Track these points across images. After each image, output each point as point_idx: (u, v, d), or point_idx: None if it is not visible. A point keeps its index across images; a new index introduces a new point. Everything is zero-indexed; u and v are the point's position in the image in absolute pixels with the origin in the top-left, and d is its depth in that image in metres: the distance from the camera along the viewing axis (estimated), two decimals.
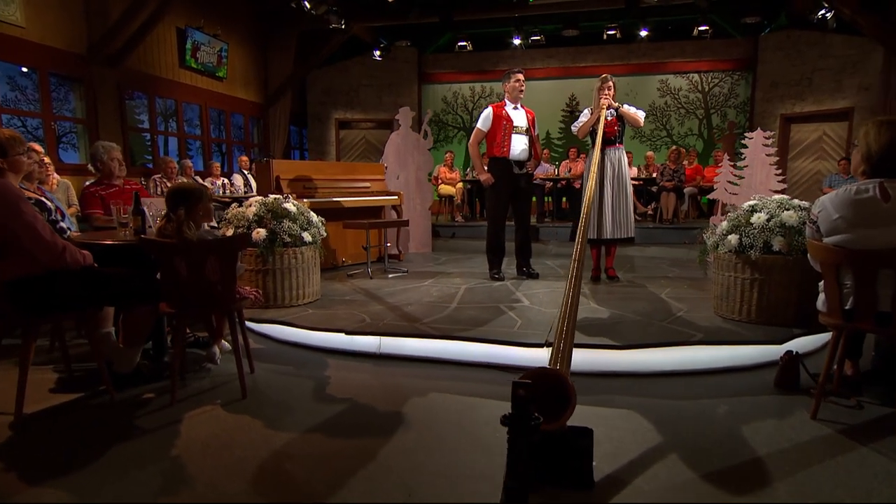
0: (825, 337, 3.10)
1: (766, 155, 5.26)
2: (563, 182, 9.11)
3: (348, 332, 3.17)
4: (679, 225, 8.26)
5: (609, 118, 4.38)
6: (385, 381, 2.85)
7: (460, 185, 9.57)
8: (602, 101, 4.39)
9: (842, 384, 2.51)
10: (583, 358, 2.88)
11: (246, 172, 9.19)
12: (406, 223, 5.31)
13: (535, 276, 4.75)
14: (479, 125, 4.60)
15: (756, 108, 10.67)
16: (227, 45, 9.89)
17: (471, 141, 4.70)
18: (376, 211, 5.90)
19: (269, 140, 11.29)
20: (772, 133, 5.41)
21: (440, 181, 9.69)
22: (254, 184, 9.06)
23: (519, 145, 4.53)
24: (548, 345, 2.89)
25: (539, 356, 2.92)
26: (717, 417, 2.39)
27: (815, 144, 9.96)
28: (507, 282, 4.61)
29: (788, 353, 2.72)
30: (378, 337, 3.18)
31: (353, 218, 5.23)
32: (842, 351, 2.28)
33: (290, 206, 3.79)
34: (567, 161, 9.83)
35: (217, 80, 9.93)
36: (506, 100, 4.62)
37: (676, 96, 11.27)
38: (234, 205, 3.91)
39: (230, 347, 3.08)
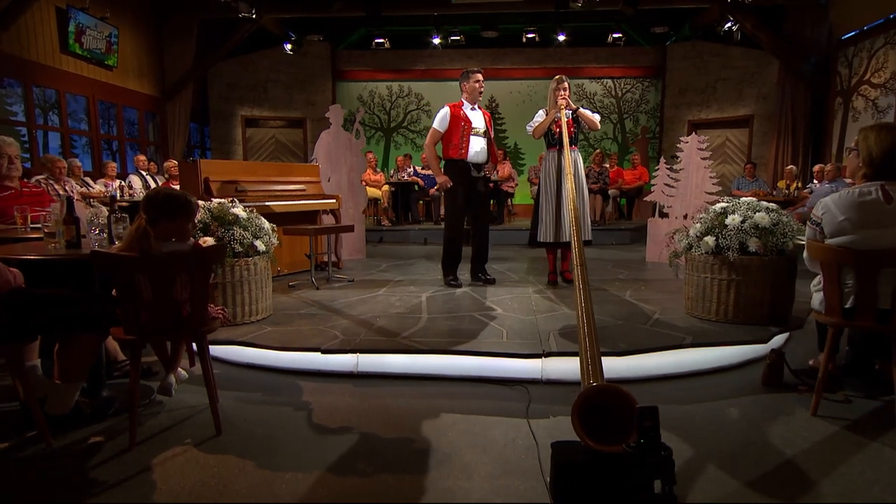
0: (797, 334, 3.31)
1: (702, 159, 5.60)
2: (492, 184, 9.18)
3: (325, 351, 2.91)
4: (606, 226, 8.61)
5: (566, 119, 4.43)
6: (375, 403, 2.65)
7: (386, 187, 9.36)
8: (559, 101, 4.43)
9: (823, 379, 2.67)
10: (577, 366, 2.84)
11: (144, 173, 8.39)
12: (352, 228, 5.05)
13: (491, 282, 4.70)
14: (435, 125, 4.47)
15: (665, 113, 11.44)
16: (116, 29, 8.99)
17: (427, 141, 4.55)
18: (312, 216, 5.57)
19: (168, 138, 10.41)
20: (706, 138, 5.77)
21: (364, 184, 9.41)
22: (154, 184, 8.30)
23: (477, 147, 4.46)
24: (546, 355, 2.82)
25: (534, 367, 2.86)
26: (726, 420, 2.45)
27: (720, 149, 10.84)
28: (465, 288, 4.52)
29: (773, 351, 2.86)
30: (355, 355, 2.95)
31: (287, 223, 4.89)
32: (830, 347, 2.42)
33: (240, 211, 3.44)
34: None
35: (106, 70, 9.00)
36: (463, 100, 4.52)
37: (592, 100, 11.80)
38: None
39: (186, 376, 2.73)
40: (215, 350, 3.17)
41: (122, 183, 7.83)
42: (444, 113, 4.45)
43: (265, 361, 3.04)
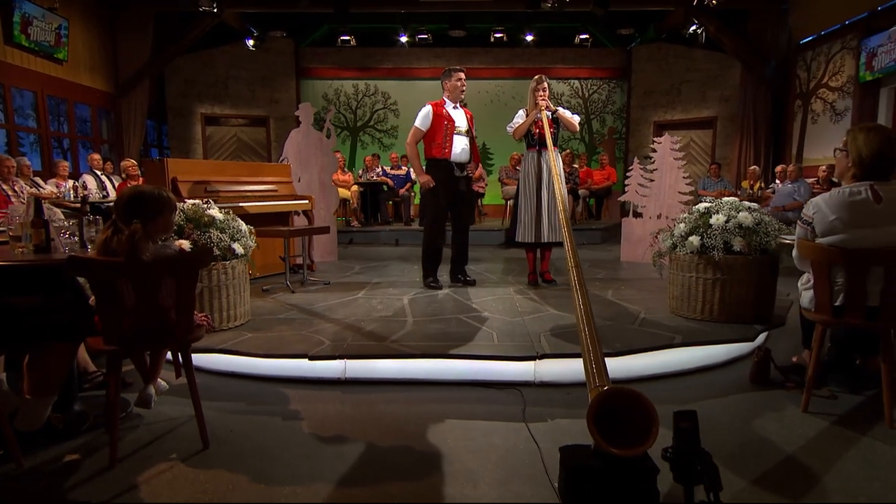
0: (775, 331, 3.40)
1: (675, 159, 5.72)
2: None
3: (313, 358, 2.83)
4: (577, 226, 8.71)
5: (547, 119, 4.44)
6: (367, 410, 2.58)
7: (355, 187, 9.25)
8: (540, 102, 4.45)
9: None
10: (573, 368, 2.85)
11: (99, 172, 8.06)
12: (327, 230, 4.96)
13: (472, 283, 4.68)
14: (417, 124, 4.42)
15: (631, 114, 11.67)
16: (66, 21, 8.60)
17: (409, 140, 4.49)
18: (283, 217, 5.45)
19: (123, 136, 10.02)
20: (678, 139, 5.89)
21: (334, 184, 9.27)
22: (111, 186, 7.99)
23: (460, 147, 4.43)
24: (540, 357, 2.81)
25: (526, 369, 2.85)
26: (720, 418, 2.49)
27: (685, 150, 11.11)
28: (446, 290, 4.49)
29: (760, 349, 2.93)
30: (343, 361, 2.88)
31: (259, 224, 4.74)
32: (819, 345, 2.49)
33: (216, 212, 3.32)
34: None
35: (56, 63, 8.60)
36: (445, 98, 4.49)
37: (559, 101, 11.93)
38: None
39: (166, 387, 2.62)
40: (193, 358, 3.04)
41: (76, 183, 7.49)
42: (426, 111, 4.40)
43: (246, 369, 2.94)
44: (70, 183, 7.44)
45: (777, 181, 8.45)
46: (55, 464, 2.11)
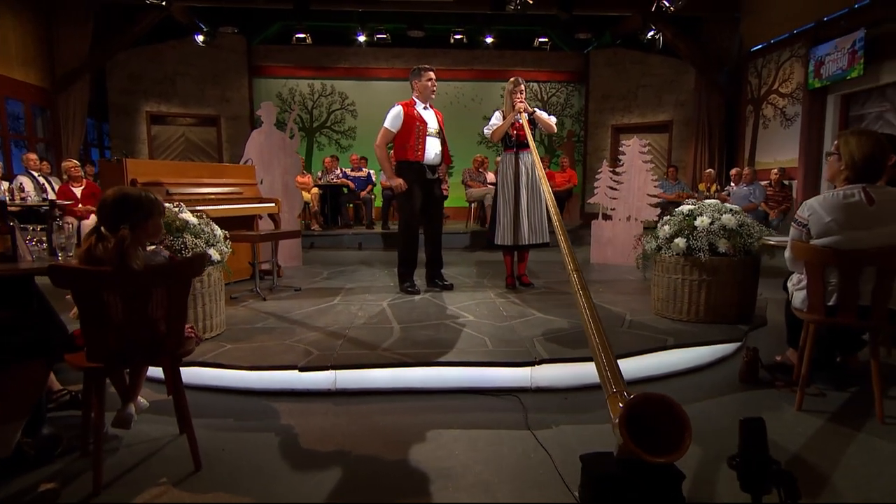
0: (754, 332, 3.50)
1: (643, 162, 5.85)
2: None
3: (303, 368, 2.72)
4: None
5: (525, 120, 4.45)
6: (365, 423, 2.50)
7: (315, 190, 9.04)
8: (518, 104, 4.45)
9: (799, 375, 2.83)
10: (569, 373, 2.85)
11: (35, 174, 7.58)
12: (298, 234, 4.81)
13: (449, 288, 4.64)
14: (387, 125, 4.34)
15: (590, 118, 11.92)
16: None
17: (378, 142, 4.39)
18: (248, 220, 5.26)
19: (61, 134, 9.47)
20: (648, 141, 6.03)
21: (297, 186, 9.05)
22: (49, 188, 7.52)
23: (432, 149, 4.39)
24: (539, 362, 2.80)
25: (523, 375, 2.83)
26: (719, 419, 2.53)
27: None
28: (424, 295, 4.43)
29: (748, 348, 3.01)
30: (333, 371, 2.78)
31: (223, 228, 4.57)
32: (812, 344, 2.57)
33: (190, 216, 3.16)
34: None
35: None
36: (415, 98, 4.43)
37: None
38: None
39: (147, 405, 2.46)
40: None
41: (11, 185, 7.02)
42: (396, 112, 4.33)
43: (229, 383, 2.80)
44: (5, 185, 6.96)
45: (732, 184, 8.79)
46: (30, 494, 1.94)
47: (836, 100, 7.91)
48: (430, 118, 4.44)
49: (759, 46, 9.32)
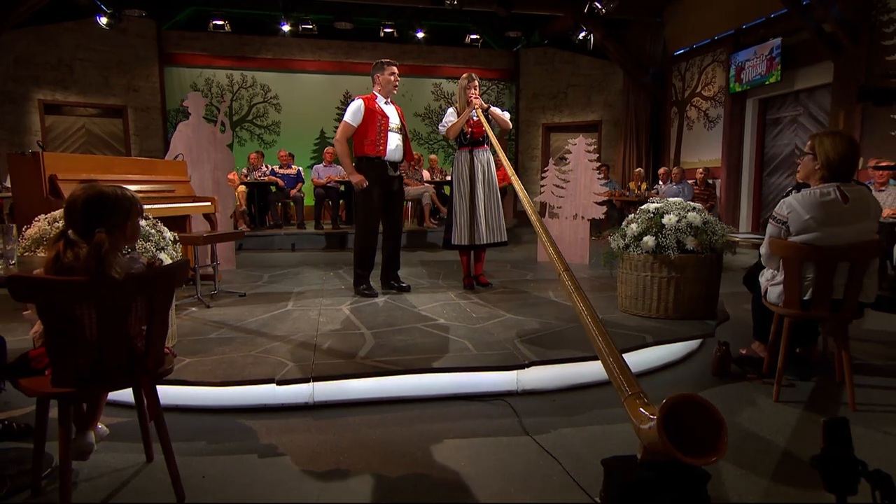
0: (721, 326, 3.67)
1: (590, 160, 6.01)
2: None
3: (280, 382, 2.54)
4: None
5: (482, 117, 4.44)
6: (353, 437, 2.37)
7: (242, 188, 8.61)
8: (474, 100, 4.43)
9: (769, 367, 2.99)
10: (554, 374, 2.86)
11: None
12: (242, 234, 4.53)
13: (407, 290, 4.54)
14: (347, 119, 4.19)
15: (521, 116, 12.14)
16: None
17: (337, 136, 4.24)
18: (181, 221, 4.90)
19: None
20: (593, 140, 6.20)
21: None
22: None
23: (394, 144, 4.28)
24: (529, 364, 2.78)
25: (509, 379, 2.80)
26: None
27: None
28: (383, 298, 4.31)
29: (719, 343, 3.14)
30: (311, 384, 2.63)
31: None
32: (787, 338, 2.73)
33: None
34: None
35: None
36: (376, 93, 4.31)
37: (450, 100, 12.09)
38: (35, 223, 2.76)
39: (107, 432, 2.21)
40: (120, 395, 2.61)
41: None
42: (357, 105, 4.19)
43: (190, 401, 2.57)
44: None
45: (660, 182, 9.25)
46: None
47: (755, 103, 8.51)
48: (392, 113, 4.33)
49: (682, 51, 9.87)
